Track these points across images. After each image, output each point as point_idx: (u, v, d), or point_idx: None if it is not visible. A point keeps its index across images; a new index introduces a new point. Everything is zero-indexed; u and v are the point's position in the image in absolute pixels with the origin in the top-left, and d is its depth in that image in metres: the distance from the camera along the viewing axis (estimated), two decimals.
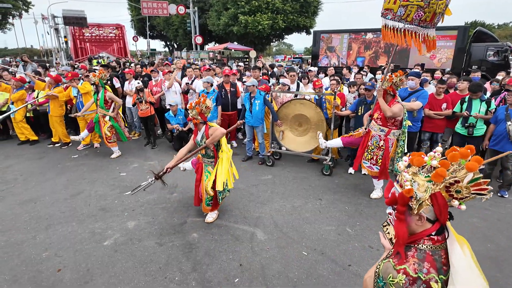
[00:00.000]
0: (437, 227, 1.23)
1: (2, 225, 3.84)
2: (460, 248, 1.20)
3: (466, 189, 1.14)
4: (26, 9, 39.35)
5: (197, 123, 3.67)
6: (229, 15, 24.61)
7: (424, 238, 1.23)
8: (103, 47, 36.65)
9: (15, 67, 9.38)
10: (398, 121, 4.10)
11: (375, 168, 4.32)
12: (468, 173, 1.13)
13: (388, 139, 4.18)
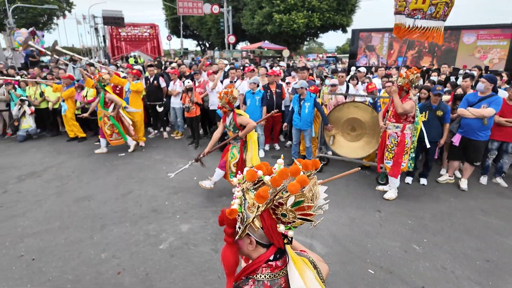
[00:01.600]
0: (273, 251, 1.04)
1: (60, 222, 3.92)
2: (299, 273, 1.01)
3: (291, 213, 0.96)
4: (69, 10, 41.50)
5: (226, 111, 4.21)
6: (263, 13, 24.48)
7: (262, 266, 1.03)
8: (137, 46, 37.78)
9: (64, 65, 9.79)
10: (411, 117, 4.26)
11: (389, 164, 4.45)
12: (291, 195, 0.93)
13: (404, 134, 4.31)
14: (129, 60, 21.58)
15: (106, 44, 34.73)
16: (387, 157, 4.47)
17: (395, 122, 4.36)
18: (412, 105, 4.17)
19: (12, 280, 2.92)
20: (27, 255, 3.27)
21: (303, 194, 0.94)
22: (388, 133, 4.44)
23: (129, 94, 6.61)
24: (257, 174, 1.04)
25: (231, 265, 1.07)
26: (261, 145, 6.33)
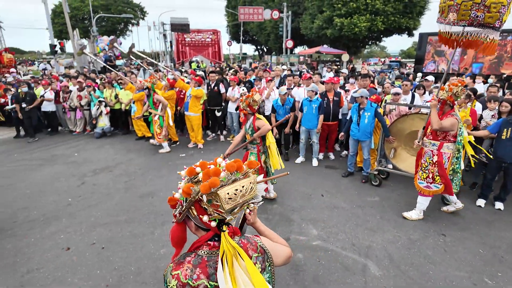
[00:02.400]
0: (211, 235, 1.22)
1: (127, 216, 4.31)
2: (221, 261, 1.13)
3: (209, 208, 1.14)
4: (143, 18, 45.57)
5: (246, 114, 4.37)
6: (323, 18, 24.07)
7: (204, 244, 1.21)
8: (200, 50, 39.74)
9: (136, 70, 10.80)
10: (451, 135, 3.85)
11: (433, 187, 4.00)
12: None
13: (441, 154, 3.90)
14: (192, 65, 22.92)
15: (173, 49, 37.26)
16: (421, 176, 4.09)
17: (432, 139, 3.98)
18: (453, 122, 3.73)
19: (86, 266, 3.29)
20: (98, 244, 3.66)
21: (215, 193, 1.12)
22: (424, 150, 4.06)
23: (190, 99, 7.00)
24: (195, 170, 1.21)
25: (176, 240, 1.32)
26: (315, 154, 6.22)
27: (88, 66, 14.74)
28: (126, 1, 43.13)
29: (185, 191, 1.15)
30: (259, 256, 1.26)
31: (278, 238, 1.47)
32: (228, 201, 1.14)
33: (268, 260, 1.30)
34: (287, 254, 1.41)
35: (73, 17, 35.41)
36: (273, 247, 1.36)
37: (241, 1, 39.05)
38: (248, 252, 1.23)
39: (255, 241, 1.30)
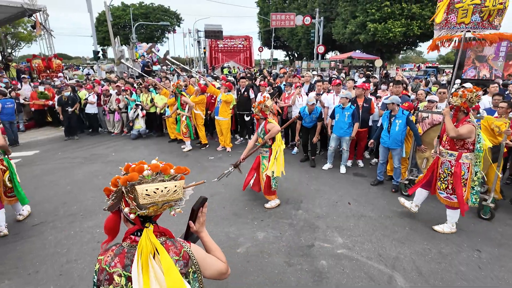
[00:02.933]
0: (135, 229, 1.31)
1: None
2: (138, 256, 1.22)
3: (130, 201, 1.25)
4: (178, 25, 47.46)
5: (258, 119, 4.60)
6: (356, 23, 23.66)
7: (128, 236, 1.32)
8: (232, 56, 40.49)
9: (171, 75, 11.30)
10: (469, 143, 3.68)
11: (454, 198, 3.82)
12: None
13: (460, 164, 3.73)
14: (223, 71, 23.46)
15: (206, 55, 38.36)
16: (440, 187, 3.93)
17: (449, 149, 3.80)
18: (469, 129, 3.58)
19: None
20: None
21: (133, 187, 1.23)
22: (441, 160, 3.90)
23: (220, 104, 7.20)
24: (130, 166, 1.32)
25: (108, 228, 1.38)
26: (344, 161, 6.14)
27: (128, 72, 15.62)
28: (164, 10, 45.21)
29: (112, 182, 1.28)
30: (180, 260, 1.31)
31: (217, 252, 1.50)
32: (145, 197, 1.22)
33: (193, 267, 1.34)
34: (220, 269, 1.44)
35: (115, 25, 37.66)
36: (203, 257, 1.40)
37: (273, 7, 39.44)
38: (169, 250, 1.29)
39: (181, 245, 1.35)
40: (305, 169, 6.27)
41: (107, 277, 1.26)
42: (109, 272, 1.26)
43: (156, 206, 1.28)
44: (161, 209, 1.33)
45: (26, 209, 4.45)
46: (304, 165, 6.50)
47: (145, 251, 1.23)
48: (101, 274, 1.27)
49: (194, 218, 1.56)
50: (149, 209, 1.26)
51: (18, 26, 28.77)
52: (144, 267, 1.22)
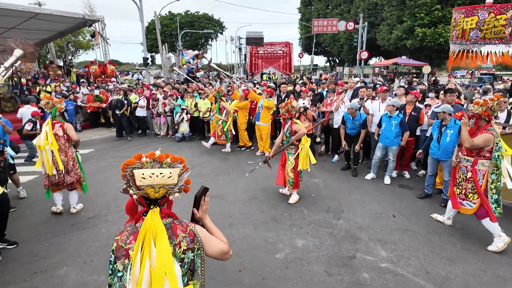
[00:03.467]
0: (144, 210, 1.51)
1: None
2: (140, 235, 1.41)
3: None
4: (221, 32, 48.98)
5: (285, 118, 4.90)
6: (403, 28, 22.69)
7: (139, 217, 1.51)
8: (271, 62, 40.71)
9: (214, 81, 11.69)
10: (486, 151, 3.66)
11: (466, 205, 3.84)
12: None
13: (476, 170, 3.74)
14: (263, 77, 23.72)
15: (246, 61, 39.07)
16: (456, 192, 3.97)
17: (466, 155, 3.85)
18: (486, 138, 3.59)
19: None
20: None
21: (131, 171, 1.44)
22: (459, 165, 3.95)
23: (262, 109, 7.29)
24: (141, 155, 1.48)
25: (128, 209, 1.64)
26: (389, 171, 5.88)
27: (173, 77, 16.46)
28: (208, 18, 46.95)
29: (121, 168, 1.48)
30: (186, 237, 1.49)
31: (219, 235, 1.70)
32: (141, 180, 1.42)
33: (198, 244, 1.52)
34: (222, 248, 1.61)
35: (162, 33, 39.84)
36: (207, 237, 1.59)
37: (315, 13, 39.19)
38: (176, 231, 1.48)
39: (187, 225, 1.54)
40: (346, 178, 6.11)
41: (123, 253, 1.44)
42: (125, 248, 1.44)
43: (153, 189, 1.45)
44: (159, 193, 1.48)
45: (79, 205, 4.85)
46: (346, 174, 6.33)
47: (148, 230, 1.41)
48: (118, 252, 1.46)
49: (197, 206, 1.72)
50: (147, 190, 1.45)
51: (78, 35, 31.60)
52: (145, 248, 1.38)
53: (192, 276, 1.54)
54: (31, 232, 4.19)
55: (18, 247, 3.83)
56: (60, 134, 4.40)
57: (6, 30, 12.41)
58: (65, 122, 4.52)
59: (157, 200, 1.51)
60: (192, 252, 1.49)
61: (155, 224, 1.43)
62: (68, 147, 4.49)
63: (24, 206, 4.97)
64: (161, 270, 1.35)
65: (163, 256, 1.37)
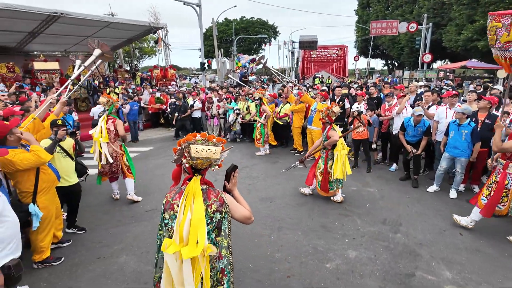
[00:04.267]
0: (190, 177, 1.92)
1: None
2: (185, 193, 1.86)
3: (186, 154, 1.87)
4: (275, 37, 49.39)
5: (324, 122, 5.03)
6: (474, 28, 20.58)
7: (185, 182, 1.93)
8: (324, 66, 39.78)
9: (265, 85, 11.81)
10: None
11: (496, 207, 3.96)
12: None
13: (505, 173, 3.85)
14: (315, 81, 23.31)
15: (298, 65, 38.80)
16: (484, 193, 4.04)
17: (500, 158, 3.98)
18: None
19: None
20: None
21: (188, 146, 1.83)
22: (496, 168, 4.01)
23: (315, 113, 7.12)
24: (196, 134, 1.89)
25: (174, 176, 2.04)
26: (456, 185, 5.31)
27: (227, 82, 17.02)
28: (262, 23, 47.72)
29: (178, 144, 1.90)
30: (217, 201, 1.90)
31: (244, 204, 2.08)
32: (195, 152, 1.82)
33: (225, 208, 1.92)
34: (245, 214, 2.01)
35: (218, 39, 41.49)
36: (234, 204, 2.00)
37: (373, 15, 37.53)
38: (210, 195, 1.90)
39: (218, 192, 1.95)
40: (405, 189, 5.67)
41: (170, 206, 1.91)
42: (172, 203, 1.92)
43: (201, 160, 1.85)
44: (205, 164, 1.88)
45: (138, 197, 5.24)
46: (405, 185, 5.88)
47: (191, 191, 1.85)
48: (166, 205, 1.92)
49: (228, 180, 2.09)
50: (197, 161, 1.85)
51: (143, 42, 34.40)
52: (187, 204, 1.83)
53: (219, 233, 1.95)
54: (97, 220, 4.60)
55: (86, 233, 4.23)
56: (111, 129, 4.91)
57: (84, 38, 13.98)
58: (116, 119, 5.01)
59: (200, 170, 1.93)
60: (220, 214, 1.90)
61: (195, 188, 1.86)
62: (115, 140, 4.99)
63: (93, 197, 5.47)
64: (196, 220, 1.78)
65: (198, 211, 1.80)
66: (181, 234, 1.78)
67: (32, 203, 3.11)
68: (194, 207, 1.80)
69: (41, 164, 3.11)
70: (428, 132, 5.59)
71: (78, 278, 3.32)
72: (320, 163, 5.11)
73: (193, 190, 1.84)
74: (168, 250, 1.77)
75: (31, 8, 10.16)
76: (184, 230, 1.77)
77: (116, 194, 5.32)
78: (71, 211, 4.21)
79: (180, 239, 1.78)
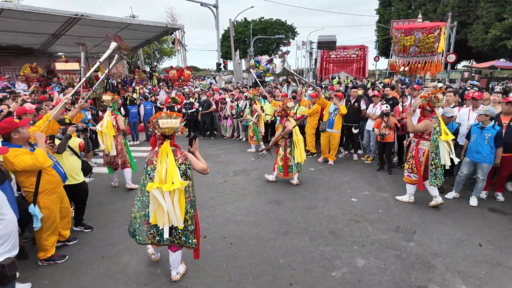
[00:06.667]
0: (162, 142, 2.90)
1: (255, 218, 4.61)
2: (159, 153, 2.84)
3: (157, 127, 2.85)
4: (293, 37, 49.01)
5: (281, 115, 5.84)
6: (503, 26, 19.59)
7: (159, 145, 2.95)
8: (344, 67, 39.00)
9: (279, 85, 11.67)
10: (426, 134, 4.63)
11: (412, 176, 4.87)
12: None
13: (418, 149, 4.73)
14: (333, 81, 22.90)
15: (317, 66, 38.28)
16: (405, 167, 5.03)
17: (413, 137, 4.92)
18: (425, 124, 4.58)
19: (215, 256, 3.67)
20: (228, 238, 4.04)
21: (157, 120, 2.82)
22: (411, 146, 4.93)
23: (335, 116, 6.87)
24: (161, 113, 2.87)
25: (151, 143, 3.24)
26: (477, 192, 4.98)
27: (242, 82, 16.99)
28: (281, 23, 47.49)
29: (150, 120, 2.88)
30: (181, 157, 2.90)
31: (202, 161, 3.06)
32: (163, 124, 2.77)
33: (188, 161, 2.94)
34: (202, 167, 3.03)
35: (237, 39, 41.63)
36: (194, 159, 3.00)
37: (395, 14, 36.54)
38: (177, 153, 2.90)
39: (183, 151, 2.97)
40: (422, 195, 5.36)
41: (150, 162, 2.91)
42: (151, 159, 2.92)
43: (167, 129, 2.80)
44: (171, 131, 2.83)
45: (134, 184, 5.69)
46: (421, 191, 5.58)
47: (164, 150, 2.83)
48: (148, 161, 2.94)
49: (191, 145, 3.08)
50: (165, 130, 2.79)
51: (163, 43, 34.99)
52: (162, 159, 2.82)
53: (186, 178, 2.93)
54: (106, 219, 4.63)
55: (93, 232, 4.26)
56: (113, 124, 5.41)
57: (104, 39, 14.32)
58: (118, 115, 5.61)
59: (169, 136, 2.87)
60: (184, 165, 2.92)
61: (167, 148, 2.85)
62: (118, 134, 5.50)
63: (106, 196, 5.54)
64: (170, 169, 2.78)
65: (171, 162, 2.80)
66: (160, 177, 2.78)
67: (32, 204, 3.12)
68: (168, 160, 2.78)
69: (38, 169, 3.07)
70: (455, 135, 5.24)
71: (81, 277, 3.33)
72: (280, 150, 5.82)
73: (166, 149, 2.82)
74: (152, 186, 2.75)
75: (53, 11, 10.52)
76: (162, 175, 2.78)
77: (115, 182, 5.92)
78: (78, 209, 4.26)
79: (160, 181, 2.78)
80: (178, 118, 2.81)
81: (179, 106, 11.54)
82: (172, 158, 2.76)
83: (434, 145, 4.48)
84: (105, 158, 5.60)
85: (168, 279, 3.25)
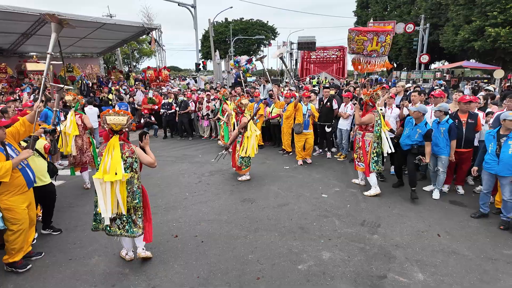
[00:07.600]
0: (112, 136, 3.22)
1: (228, 216, 4.68)
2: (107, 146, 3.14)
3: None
4: (274, 38, 49.28)
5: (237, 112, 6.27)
6: (471, 28, 20.54)
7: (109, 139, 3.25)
8: (324, 67, 39.65)
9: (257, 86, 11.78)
10: (370, 126, 5.18)
11: (361, 165, 5.40)
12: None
13: (364, 140, 5.28)
14: (312, 82, 23.28)
15: (297, 66, 38.71)
16: (354, 156, 5.64)
17: (358, 130, 5.43)
18: (370, 117, 5.13)
19: (186, 254, 3.72)
20: (200, 237, 4.09)
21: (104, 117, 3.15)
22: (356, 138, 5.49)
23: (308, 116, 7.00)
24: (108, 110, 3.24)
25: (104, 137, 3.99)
26: (438, 184, 5.27)
27: (221, 82, 17.00)
28: (262, 24, 47.62)
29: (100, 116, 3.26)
30: (129, 151, 3.19)
31: (151, 155, 3.36)
32: (109, 120, 3.08)
33: (135, 155, 3.23)
34: (149, 160, 3.32)
35: (217, 40, 41.45)
36: (141, 153, 3.29)
37: (372, 16, 37.50)
38: (124, 147, 3.19)
39: (131, 145, 3.25)
40: (388, 190, 5.62)
41: (100, 153, 3.17)
42: (101, 151, 3.18)
43: (114, 125, 3.10)
44: (118, 127, 3.12)
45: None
46: (387, 186, 5.81)
47: (111, 144, 3.11)
48: (98, 153, 3.20)
49: (141, 140, 3.37)
50: (111, 125, 3.10)
51: (142, 43, 34.38)
52: (109, 151, 3.09)
53: (131, 170, 3.23)
54: (75, 221, 4.57)
55: (61, 234, 4.20)
56: (79, 123, 5.58)
57: (79, 39, 14.00)
58: (82, 114, 5.75)
59: (117, 131, 3.15)
60: (131, 158, 3.21)
61: (114, 142, 3.14)
62: (84, 133, 5.69)
63: (77, 198, 5.45)
64: (114, 161, 3.07)
65: (116, 155, 3.09)
66: (104, 168, 3.07)
67: None
68: (114, 152, 3.07)
69: None
70: (429, 137, 4.98)
71: (47, 280, 3.29)
72: (237, 146, 6.10)
73: (113, 143, 3.11)
74: (96, 176, 3.08)
75: (22, 9, 10.18)
76: (107, 166, 3.06)
77: (87, 183, 5.88)
78: (46, 212, 4.19)
79: (104, 171, 3.06)
80: (126, 115, 3.11)
81: (157, 106, 11.44)
82: (118, 151, 3.07)
83: (376, 136, 5.13)
84: (70, 159, 5.64)
85: (137, 277, 3.28)
